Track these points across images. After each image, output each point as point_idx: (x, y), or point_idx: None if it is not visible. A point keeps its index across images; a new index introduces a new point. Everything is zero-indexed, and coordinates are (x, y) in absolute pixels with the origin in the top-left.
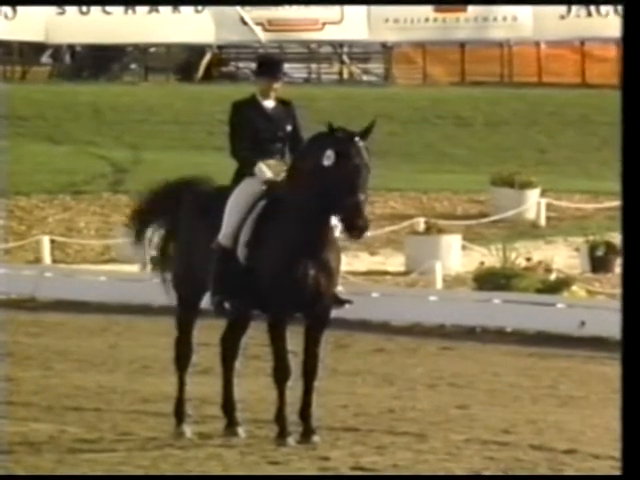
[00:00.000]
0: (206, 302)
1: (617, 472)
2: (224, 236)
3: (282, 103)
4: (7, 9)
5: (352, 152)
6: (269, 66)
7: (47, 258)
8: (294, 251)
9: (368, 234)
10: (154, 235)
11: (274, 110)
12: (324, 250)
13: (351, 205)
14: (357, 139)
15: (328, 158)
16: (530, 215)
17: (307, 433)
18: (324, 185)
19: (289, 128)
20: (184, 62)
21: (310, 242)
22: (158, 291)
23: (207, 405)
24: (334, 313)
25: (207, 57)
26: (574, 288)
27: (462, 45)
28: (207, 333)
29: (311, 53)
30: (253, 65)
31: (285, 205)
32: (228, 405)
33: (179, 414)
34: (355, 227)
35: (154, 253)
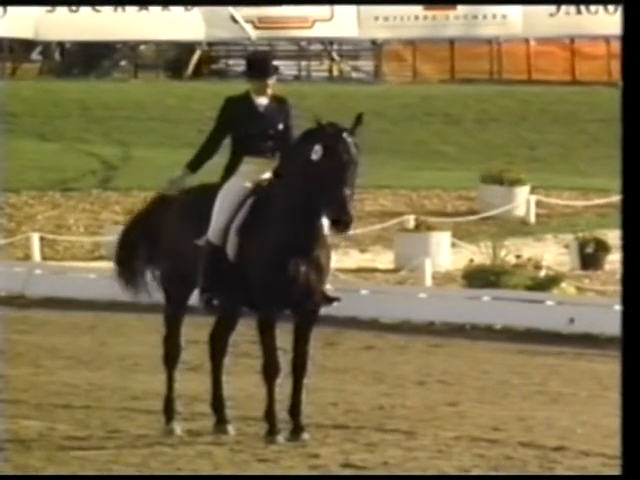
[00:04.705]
0: (195, 299)
1: (607, 469)
2: (213, 233)
3: (277, 101)
4: None
5: (340, 147)
6: (258, 66)
7: (36, 255)
8: (284, 248)
9: (358, 231)
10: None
11: (267, 108)
12: (314, 247)
13: (337, 199)
14: (345, 134)
15: (316, 153)
16: (520, 212)
17: (296, 430)
18: (312, 179)
19: (281, 127)
20: (174, 59)
21: (300, 239)
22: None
23: (197, 402)
24: (323, 310)
25: (197, 54)
26: (564, 285)
27: (452, 42)
28: (196, 330)
29: (301, 50)
30: (243, 62)
31: (274, 202)
32: (217, 402)
33: (168, 411)
34: (340, 221)
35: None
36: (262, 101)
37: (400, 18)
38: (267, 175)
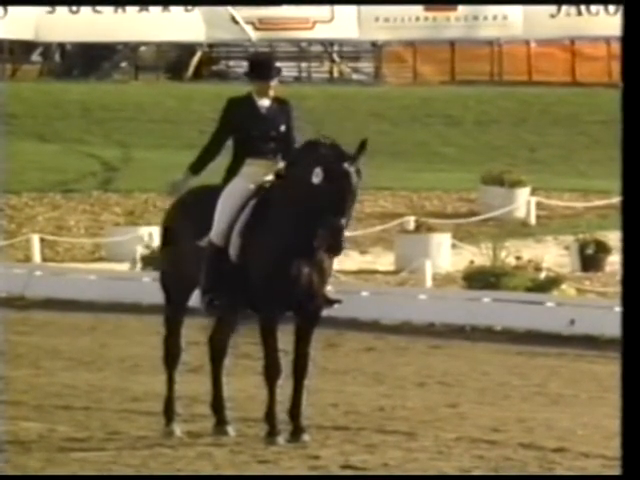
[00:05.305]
0: (195, 300)
1: (607, 470)
2: (216, 234)
3: (278, 102)
4: None
5: (340, 175)
6: (260, 68)
7: (37, 256)
8: (286, 250)
9: (358, 233)
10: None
11: (269, 109)
12: (316, 249)
13: (330, 227)
14: (347, 164)
15: (316, 176)
16: (520, 214)
17: (297, 432)
18: (310, 200)
19: (283, 128)
20: (174, 61)
21: (302, 241)
22: (147, 290)
23: (197, 404)
24: (324, 312)
25: (197, 56)
26: (564, 287)
27: (452, 44)
28: (196, 332)
29: (301, 52)
30: (244, 64)
31: (277, 204)
32: (217, 404)
33: (168, 413)
34: (331, 247)
35: (145, 251)
36: (264, 103)
37: (400, 19)
38: (269, 177)
